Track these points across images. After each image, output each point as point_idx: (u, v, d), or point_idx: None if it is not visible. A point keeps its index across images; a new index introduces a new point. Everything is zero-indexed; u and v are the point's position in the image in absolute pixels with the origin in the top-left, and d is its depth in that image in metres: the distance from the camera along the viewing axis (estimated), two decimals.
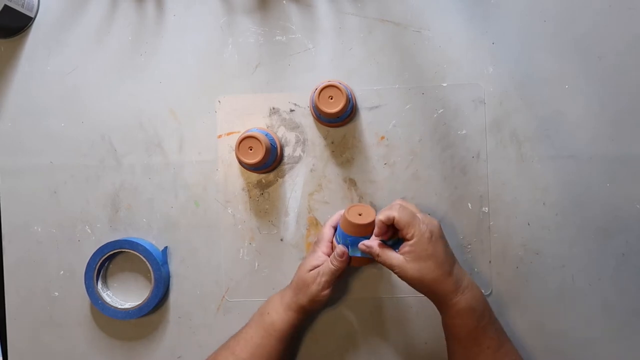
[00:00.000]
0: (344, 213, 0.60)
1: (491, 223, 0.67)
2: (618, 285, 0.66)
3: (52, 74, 0.71)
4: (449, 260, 0.57)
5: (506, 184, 0.67)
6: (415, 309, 0.68)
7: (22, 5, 0.68)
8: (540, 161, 0.67)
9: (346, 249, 0.60)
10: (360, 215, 0.59)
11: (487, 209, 0.67)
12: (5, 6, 0.66)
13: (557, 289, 0.67)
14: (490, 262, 0.67)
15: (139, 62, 0.71)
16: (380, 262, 0.58)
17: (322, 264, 0.61)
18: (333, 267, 0.60)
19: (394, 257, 0.57)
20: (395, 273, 0.57)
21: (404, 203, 0.60)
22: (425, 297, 0.58)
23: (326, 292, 0.61)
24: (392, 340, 0.68)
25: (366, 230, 0.59)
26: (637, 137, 0.66)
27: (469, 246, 0.67)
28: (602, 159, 0.66)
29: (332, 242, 0.63)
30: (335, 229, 0.63)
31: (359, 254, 0.60)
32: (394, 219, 0.57)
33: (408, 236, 0.56)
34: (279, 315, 0.61)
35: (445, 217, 0.68)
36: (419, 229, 0.56)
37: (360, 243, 0.59)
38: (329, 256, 0.62)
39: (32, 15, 0.71)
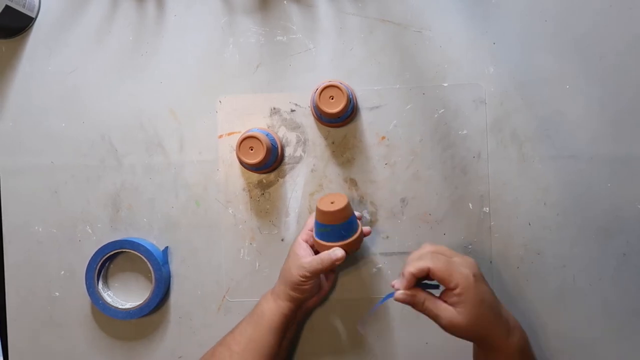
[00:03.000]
0: (316, 204, 0.59)
1: (492, 223, 0.67)
2: (619, 285, 0.66)
3: (53, 74, 0.71)
4: (496, 300, 0.54)
5: (507, 184, 0.67)
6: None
7: (23, 6, 0.68)
8: (541, 161, 0.67)
9: (340, 254, 0.58)
10: (332, 203, 0.59)
11: (487, 209, 0.67)
12: (7, 6, 0.66)
13: (558, 289, 0.67)
14: (491, 262, 0.67)
15: (139, 62, 0.71)
16: (423, 312, 0.53)
17: (305, 250, 0.61)
18: (318, 267, 0.59)
19: (443, 308, 0.52)
20: (442, 325, 0.52)
21: (434, 248, 0.55)
22: None
23: (308, 284, 0.60)
24: (393, 340, 0.68)
25: (338, 217, 0.58)
26: (638, 137, 0.66)
27: (470, 246, 0.67)
28: (602, 159, 0.66)
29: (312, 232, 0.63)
30: None
31: (342, 240, 0.59)
32: (428, 270, 0.52)
33: (452, 285, 0.51)
34: (269, 304, 0.62)
35: (446, 217, 0.68)
36: (462, 275, 0.51)
37: (399, 292, 0.53)
38: (307, 242, 0.62)
39: (33, 16, 0.71)
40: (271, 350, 0.61)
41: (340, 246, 0.59)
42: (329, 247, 0.59)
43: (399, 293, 0.53)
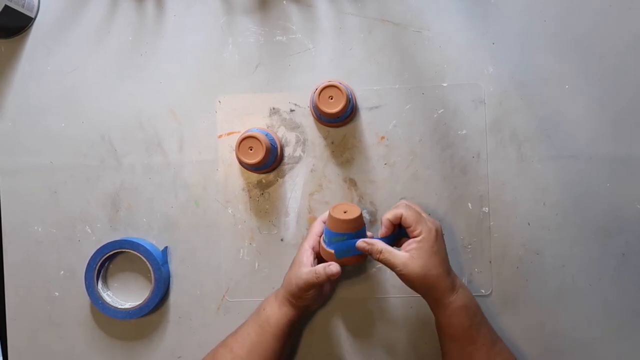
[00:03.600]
0: (329, 211, 0.60)
1: (491, 223, 0.67)
2: (618, 286, 0.66)
3: (52, 73, 0.71)
4: (447, 260, 0.59)
5: (506, 184, 0.67)
6: (415, 309, 0.68)
7: (23, 6, 0.68)
8: (541, 161, 0.67)
9: (335, 270, 0.58)
10: (345, 212, 0.59)
11: (487, 209, 0.67)
12: (6, 6, 0.66)
13: (557, 289, 0.67)
14: (490, 262, 0.67)
15: (139, 62, 0.71)
16: (380, 260, 0.57)
17: (308, 259, 0.61)
18: (313, 280, 0.58)
19: (397, 255, 0.57)
20: (397, 271, 0.57)
21: (409, 203, 0.61)
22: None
23: (308, 294, 0.60)
24: (392, 340, 0.68)
25: (352, 227, 0.58)
26: (637, 137, 0.66)
27: (469, 246, 0.67)
28: (602, 159, 0.66)
29: (320, 238, 0.62)
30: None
31: (346, 254, 0.59)
32: (401, 216, 0.58)
33: (415, 233, 0.57)
34: (274, 311, 0.61)
35: (446, 217, 0.68)
36: (427, 226, 0.57)
37: (360, 240, 0.58)
38: (313, 250, 0.62)
39: (33, 16, 0.71)
40: (276, 355, 0.61)
41: (353, 257, 0.59)
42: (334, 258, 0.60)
43: (360, 241, 0.58)
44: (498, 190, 0.67)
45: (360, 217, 0.59)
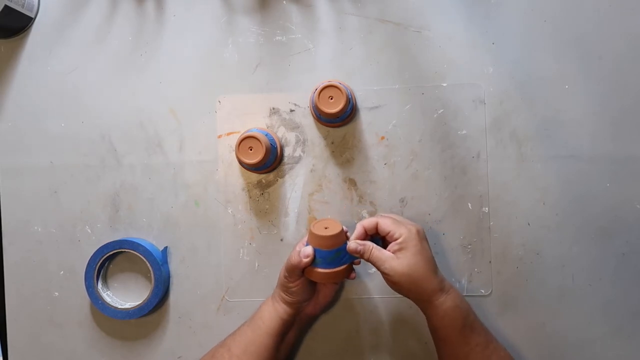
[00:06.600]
0: (309, 228, 0.59)
1: (491, 223, 0.67)
2: (618, 285, 0.66)
3: (52, 74, 0.71)
4: (434, 260, 0.59)
5: (506, 184, 0.67)
6: (415, 309, 0.67)
7: (22, 6, 0.68)
8: (541, 161, 0.67)
9: (308, 251, 0.58)
10: (326, 228, 0.59)
11: (487, 209, 0.67)
12: (6, 6, 0.66)
13: (557, 289, 0.66)
14: (490, 262, 0.67)
15: (139, 62, 0.71)
16: (371, 259, 0.57)
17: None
18: (289, 264, 0.59)
19: (387, 255, 0.57)
20: (383, 269, 0.57)
21: (383, 214, 0.62)
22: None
23: (292, 284, 0.60)
24: (392, 340, 0.68)
25: (333, 243, 0.58)
26: (637, 137, 0.66)
27: (469, 246, 0.67)
28: (602, 159, 0.66)
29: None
30: None
31: (327, 267, 0.58)
32: (377, 224, 0.59)
33: (396, 235, 0.57)
34: (267, 308, 0.62)
35: (445, 217, 0.68)
36: (407, 228, 0.58)
37: (352, 242, 0.58)
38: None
39: (32, 16, 0.71)
40: (269, 353, 0.61)
41: (323, 273, 0.59)
42: (312, 270, 0.59)
43: (352, 243, 0.58)
44: (498, 190, 0.67)
45: (341, 233, 0.58)
